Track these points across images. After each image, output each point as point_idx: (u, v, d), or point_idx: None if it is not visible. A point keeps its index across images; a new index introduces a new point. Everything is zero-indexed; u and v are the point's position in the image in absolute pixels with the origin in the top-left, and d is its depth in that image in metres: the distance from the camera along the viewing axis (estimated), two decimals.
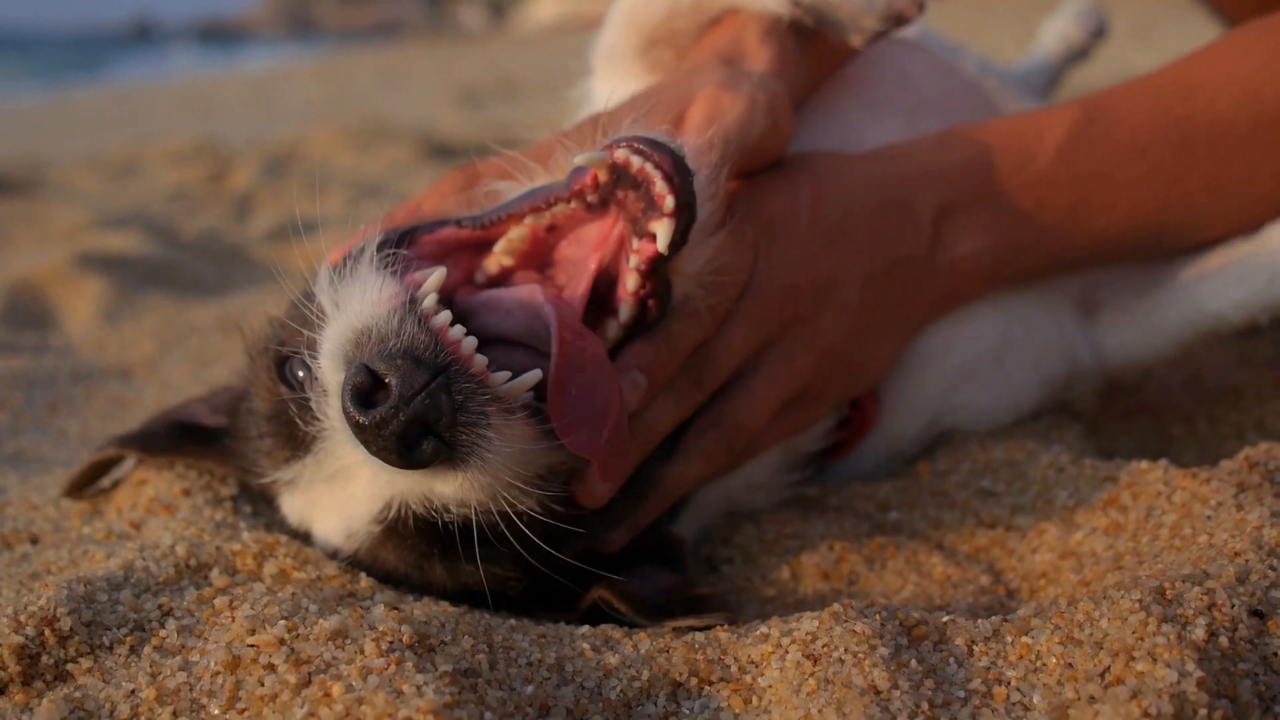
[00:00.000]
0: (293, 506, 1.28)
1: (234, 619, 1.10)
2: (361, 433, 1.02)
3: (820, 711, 0.98)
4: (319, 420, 1.14)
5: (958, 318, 1.51)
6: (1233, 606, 1.00)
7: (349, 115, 7.82)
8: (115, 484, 1.49)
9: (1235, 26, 2.47)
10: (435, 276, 1.11)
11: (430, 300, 1.08)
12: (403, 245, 1.18)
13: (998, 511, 1.37)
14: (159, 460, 1.46)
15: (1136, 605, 1.00)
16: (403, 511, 1.14)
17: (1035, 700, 0.97)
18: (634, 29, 1.54)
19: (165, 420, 1.48)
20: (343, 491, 1.19)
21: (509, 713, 0.99)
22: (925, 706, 0.98)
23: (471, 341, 1.06)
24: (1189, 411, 1.66)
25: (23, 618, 1.09)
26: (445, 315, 1.07)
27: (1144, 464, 1.32)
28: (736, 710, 1.04)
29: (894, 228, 1.39)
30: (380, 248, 1.15)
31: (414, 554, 1.18)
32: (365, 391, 1.02)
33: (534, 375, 1.08)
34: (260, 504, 1.40)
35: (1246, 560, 1.07)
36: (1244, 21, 2.45)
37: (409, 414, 1.01)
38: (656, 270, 1.15)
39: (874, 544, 1.36)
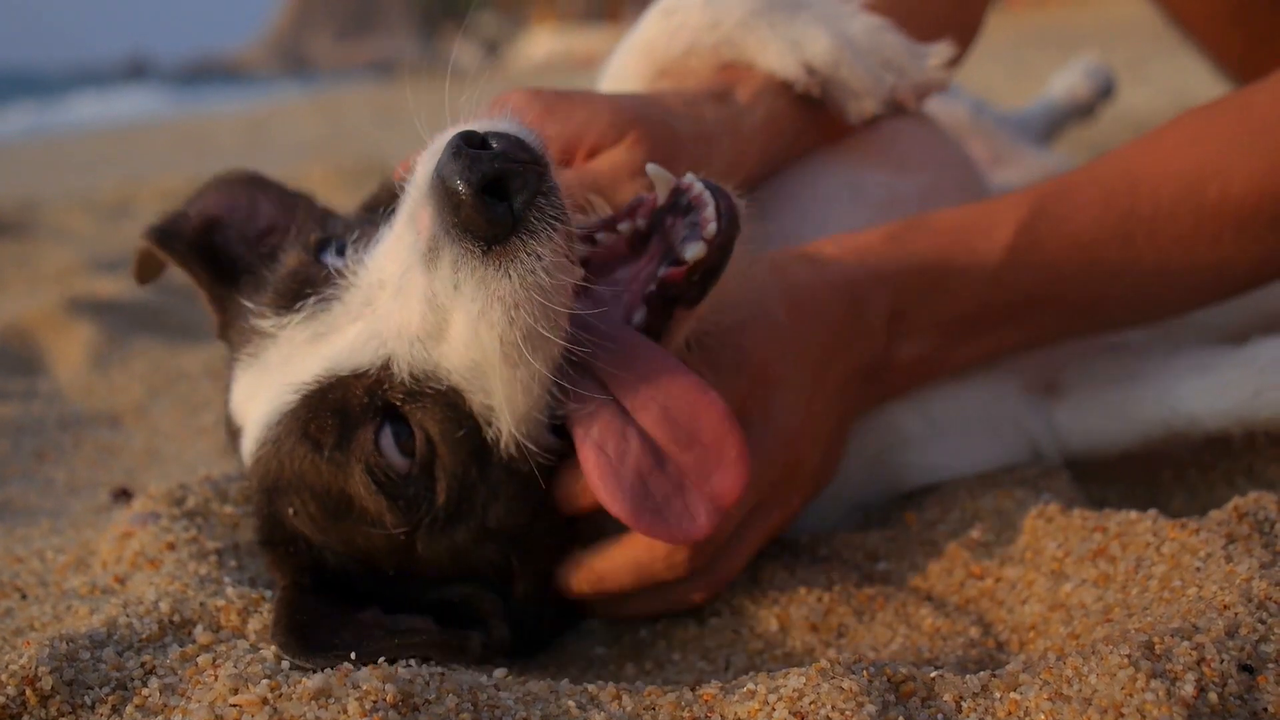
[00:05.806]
0: (242, 385, 1.30)
1: (217, 677, 1.09)
2: (457, 161, 1.04)
3: None
4: (344, 276, 1.22)
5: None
6: (1222, 662, 0.99)
7: (343, 154, 7.82)
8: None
9: (1218, 67, 2.50)
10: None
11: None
12: None
13: (987, 562, 1.37)
14: (166, 258, 1.51)
15: (1125, 661, 1.00)
16: (352, 379, 1.18)
17: None
18: (649, 59, 1.58)
19: (200, 218, 1.50)
20: (316, 349, 1.21)
21: None
22: None
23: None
24: (1178, 457, 1.65)
25: (4, 677, 1.08)
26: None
27: (1133, 514, 1.32)
28: None
29: (854, 335, 1.38)
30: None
31: (326, 444, 1.20)
32: (472, 143, 1.06)
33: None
34: (246, 558, 1.39)
35: (1236, 614, 1.06)
36: (1227, 60, 2.48)
37: (504, 163, 1.04)
38: (666, 299, 1.18)
39: (863, 595, 1.35)
